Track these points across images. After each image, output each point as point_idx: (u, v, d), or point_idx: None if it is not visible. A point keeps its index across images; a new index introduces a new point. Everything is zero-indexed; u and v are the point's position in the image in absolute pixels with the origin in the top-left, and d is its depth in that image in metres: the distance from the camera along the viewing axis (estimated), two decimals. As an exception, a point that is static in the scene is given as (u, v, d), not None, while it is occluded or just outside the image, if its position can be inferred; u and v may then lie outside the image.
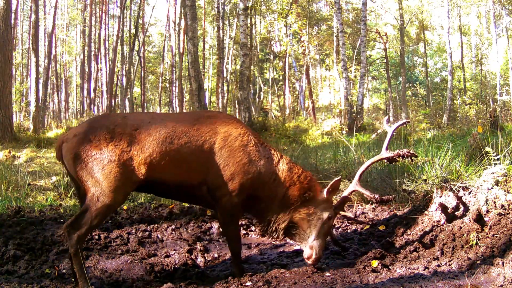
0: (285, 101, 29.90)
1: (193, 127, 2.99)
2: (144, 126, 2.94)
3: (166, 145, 2.89)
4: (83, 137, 2.86)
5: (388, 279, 2.65)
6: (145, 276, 3.20)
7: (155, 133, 2.91)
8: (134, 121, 2.97)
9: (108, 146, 2.82)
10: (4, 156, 9.32)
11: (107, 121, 2.97)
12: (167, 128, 2.94)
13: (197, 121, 3.05)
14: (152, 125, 2.95)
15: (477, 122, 15.11)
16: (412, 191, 4.32)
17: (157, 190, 3.17)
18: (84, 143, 2.83)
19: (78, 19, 33.70)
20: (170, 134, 2.92)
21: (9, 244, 3.47)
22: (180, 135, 2.93)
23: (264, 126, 13.86)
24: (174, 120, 3.04)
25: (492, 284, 2.40)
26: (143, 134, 2.91)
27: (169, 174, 2.93)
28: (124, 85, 25.03)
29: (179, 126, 2.97)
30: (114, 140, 2.85)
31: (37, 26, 18.09)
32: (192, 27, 12.12)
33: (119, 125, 2.91)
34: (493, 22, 24.24)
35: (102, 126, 2.91)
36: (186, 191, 3.05)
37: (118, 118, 3.00)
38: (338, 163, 5.74)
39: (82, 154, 2.81)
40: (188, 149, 2.92)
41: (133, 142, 2.87)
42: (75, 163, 2.83)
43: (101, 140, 2.84)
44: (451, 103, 21.09)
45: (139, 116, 3.14)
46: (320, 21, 30.93)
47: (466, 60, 33.87)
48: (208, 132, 2.99)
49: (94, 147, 2.82)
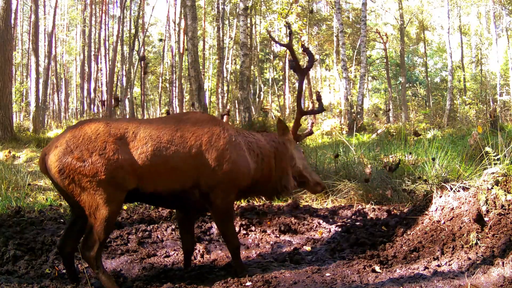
0: (285, 101, 29.91)
1: (176, 134, 2.93)
2: (129, 136, 2.83)
3: (154, 158, 2.81)
4: (65, 148, 2.72)
5: (388, 279, 2.65)
6: (145, 276, 3.20)
7: (141, 146, 2.82)
8: (117, 129, 2.84)
9: (92, 156, 2.69)
10: (4, 156, 9.32)
11: (89, 129, 2.81)
12: (152, 140, 2.85)
13: (179, 127, 2.98)
14: (137, 136, 2.84)
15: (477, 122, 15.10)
16: (412, 191, 4.33)
17: (148, 199, 3.12)
18: (67, 156, 2.69)
19: (78, 19, 33.71)
20: (157, 146, 2.84)
21: (9, 244, 3.47)
22: (166, 145, 2.86)
23: (264, 126, 13.85)
24: (157, 129, 2.93)
25: (492, 284, 2.40)
26: (129, 145, 2.81)
27: (160, 183, 2.87)
28: (124, 85, 25.03)
29: (164, 135, 2.89)
30: (98, 150, 2.72)
31: (37, 26, 18.10)
32: (192, 27, 12.11)
33: (103, 133, 2.78)
34: (493, 22, 24.24)
35: (84, 135, 2.76)
36: (179, 197, 3.01)
37: (101, 126, 2.83)
38: (338, 163, 5.73)
39: (67, 168, 2.69)
40: (177, 157, 2.87)
41: (119, 151, 2.76)
42: (61, 177, 2.71)
43: (84, 151, 2.70)
44: (451, 103, 21.08)
45: (123, 124, 2.92)
46: (320, 21, 30.93)
47: (466, 60, 33.88)
48: (192, 136, 2.95)
49: (77, 160, 2.68)
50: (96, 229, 2.71)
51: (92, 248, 2.73)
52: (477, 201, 3.29)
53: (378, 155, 5.86)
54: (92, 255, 2.73)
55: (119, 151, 2.75)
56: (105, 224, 2.70)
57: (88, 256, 2.74)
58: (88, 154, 2.70)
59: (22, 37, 32.91)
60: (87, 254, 2.74)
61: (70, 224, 2.99)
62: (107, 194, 2.69)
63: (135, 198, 3.06)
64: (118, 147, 2.76)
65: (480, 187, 3.36)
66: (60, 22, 34.41)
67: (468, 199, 3.42)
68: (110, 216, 2.71)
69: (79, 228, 2.95)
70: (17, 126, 16.00)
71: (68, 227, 2.99)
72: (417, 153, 5.43)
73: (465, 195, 3.49)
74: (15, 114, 22.92)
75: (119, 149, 2.76)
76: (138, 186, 2.82)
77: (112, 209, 2.73)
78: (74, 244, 2.97)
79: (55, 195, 5.34)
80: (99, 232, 2.71)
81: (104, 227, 2.71)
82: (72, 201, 2.87)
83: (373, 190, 4.89)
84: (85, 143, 2.73)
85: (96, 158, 2.69)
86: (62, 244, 2.95)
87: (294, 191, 3.50)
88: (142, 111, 33.25)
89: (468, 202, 3.39)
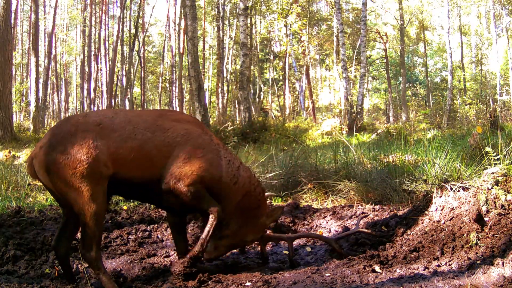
0: (285, 101, 29.91)
1: (156, 122, 2.99)
2: (108, 121, 2.90)
3: (130, 141, 2.86)
4: (48, 147, 2.77)
5: (388, 279, 2.65)
6: (145, 276, 3.20)
7: (119, 129, 2.88)
8: (97, 117, 2.93)
9: (74, 147, 2.74)
10: (4, 156, 9.32)
11: (68, 124, 2.89)
12: (130, 123, 2.92)
13: (160, 117, 3.05)
14: (115, 120, 2.92)
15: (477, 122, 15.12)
16: (412, 191, 4.33)
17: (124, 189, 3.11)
18: (51, 153, 2.74)
19: (78, 19, 33.70)
20: (134, 130, 2.89)
21: (9, 244, 3.47)
22: (143, 131, 2.92)
23: (264, 126, 13.85)
24: (137, 116, 3.03)
25: (492, 284, 2.39)
26: (107, 129, 2.86)
27: (134, 170, 2.89)
28: (124, 85, 25.03)
29: (142, 122, 2.96)
30: (78, 140, 2.77)
31: (37, 26, 18.10)
32: (192, 27, 12.11)
33: (81, 124, 2.85)
34: (493, 22, 24.25)
35: (64, 130, 2.84)
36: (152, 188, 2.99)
37: (79, 118, 2.94)
38: (338, 163, 5.73)
39: (52, 165, 2.73)
40: (152, 144, 2.90)
41: (98, 137, 2.80)
42: (49, 176, 2.77)
43: (67, 145, 2.75)
44: (451, 103, 21.09)
45: (101, 112, 3.10)
46: (320, 21, 30.94)
47: (466, 60, 33.88)
48: (171, 128, 2.98)
49: (61, 154, 2.73)
50: (88, 226, 2.74)
51: (91, 248, 2.74)
52: (477, 201, 3.29)
53: (378, 155, 5.86)
54: (92, 255, 2.74)
55: (97, 137, 2.80)
56: (95, 218, 2.73)
57: (89, 257, 2.75)
58: (70, 146, 2.75)
59: (22, 37, 32.92)
60: (87, 255, 2.75)
61: (63, 225, 3.02)
62: (92, 185, 2.73)
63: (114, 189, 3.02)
64: (96, 133, 2.82)
65: (480, 187, 3.36)
66: (60, 22, 34.42)
67: (468, 199, 3.42)
68: (98, 209, 2.74)
69: (72, 228, 2.99)
70: (17, 126, 16.01)
71: (61, 228, 3.02)
72: (417, 153, 5.43)
73: (465, 195, 3.49)
74: (15, 114, 22.93)
75: (98, 134, 2.82)
76: (115, 173, 2.83)
77: (99, 201, 2.76)
78: (68, 245, 3.00)
79: (55, 195, 5.34)
80: (91, 228, 2.74)
81: (95, 221, 2.74)
82: (63, 202, 2.92)
83: (373, 190, 4.89)
84: (66, 137, 2.79)
85: (78, 148, 2.74)
86: (56, 245, 2.98)
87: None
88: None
89: (468, 202, 3.39)
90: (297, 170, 5.64)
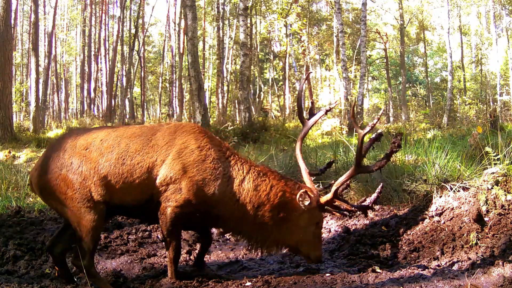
0: (285, 101, 29.90)
1: (149, 142, 2.83)
2: (96, 144, 2.83)
3: (118, 167, 2.76)
4: (40, 170, 2.85)
5: (388, 279, 2.65)
6: (145, 276, 3.20)
7: (107, 153, 2.79)
8: (85, 140, 2.86)
9: (62, 172, 2.77)
10: (4, 156, 9.32)
11: (58, 147, 2.88)
12: (120, 147, 2.80)
13: (155, 136, 2.87)
14: (105, 143, 2.83)
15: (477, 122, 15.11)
16: (412, 191, 4.32)
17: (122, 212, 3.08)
18: (43, 176, 2.82)
19: (78, 19, 33.70)
20: (123, 154, 2.79)
21: (9, 244, 3.47)
22: (133, 154, 2.79)
23: (264, 126, 13.84)
24: (130, 137, 2.87)
25: (492, 284, 2.39)
26: (94, 153, 2.80)
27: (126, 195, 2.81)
28: (124, 85, 25.03)
29: (134, 143, 2.82)
30: (65, 165, 2.78)
31: (37, 26, 18.09)
32: (192, 27, 12.11)
33: (69, 148, 2.83)
34: (493, 22, 24.24)
35: (53, 154, 2.85)
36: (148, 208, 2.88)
37: (69, 140, 2.89)
38: (338, 163, 5.73)
39: (45, 187, 2.82)
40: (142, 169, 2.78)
41: (84, 162, 2.77)
42: (44, 196, 2.89)
43: (54, 169, 2.79)
44: (451, 103, 21.07)
45: (92, 134, 2.93)
46: (320, 21, 30.93)
47: (466, 60, 33.87)
48: (164, 146, 2.82)
49: (50, 177, 2.79)
50: (83, 240, 2.76)
51: (84, 258, 2.77)
52: (477, 201, 3.29)
53: (378, 155, 5.85)
54: (84, 264, 2.77)
55: (83, 162, 2.78)
56: (90, 235, 2.75)
57: (81, 266, 2.78)
58: (58, 171, 2.78)
59: (22, 37, 32.91)
60: (79, 263, 2.78)
61: (62, 230, 3.06)
62: (84, 207, 2.74)
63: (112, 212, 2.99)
64: (83, 158, 2.79)
65: (480, 187, 3.37)
66: (60, 22, 34.41)
67: (468, 199, 3.42)
68: (93, 227, 2.75)
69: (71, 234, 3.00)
70: (17, 126, 15.99)
71: (60, 231, 3.06)
72: (417, 153, 5.42)
73: (465, 195, 3.49)
74: (15, 114, 22.92)
75: (84, 159, 2.79)
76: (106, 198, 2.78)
77: (93, 220, 2.75)
78: (64, 246, 3.02)
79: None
80: (87, 242, 2.76)
81: (90, 237, 2.76)
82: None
83: (373, 190, 4.88)
84: (54, 161, 2.82)
85: (65, 174, 2.77)
86: (51, 245, 3.01)
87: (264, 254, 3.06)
88: (142, 111, 33.27)
89: (468, 202, 3.39)
90: (297, 170, 5.63)
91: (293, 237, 2.89)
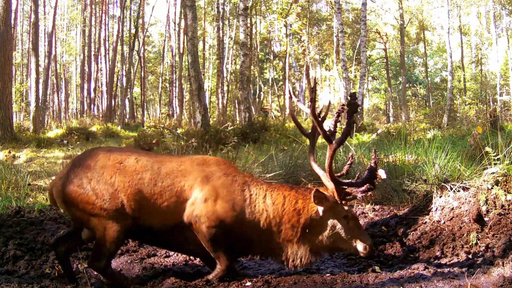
0: (285, 101, 29.91)
1: (179, 168, 2.92)
2: (131, 162, 2.88)
3: (151, 187, 2.82)
4: (66, 179, 2.85)
5: (388, 279, 2.65)
6: (145, 276, 3.20)
7: (141, 172, 2.85)
8: (119, 155, 2.92)
9: (92, 182, 2.79)
10: (4, 156, 9.32)
11: (88, 157, 2.92)
12: (153, 169, 2.88)
13: (184, 163, 2.97)
14: (139, 163, 2.89)
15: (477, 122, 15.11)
16: (412, 191, 4.33)
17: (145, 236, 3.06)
18: (69, 185, 2.81)
19: (78, 19, 33.72)
20: (155, 176, 2.85)
21: (9, 244, 3.47)
22: (164, 178, 2.86)
23: (264, 126, 13.83)
24: (160, 162, 2.95)
25: (492, 284, 2.39)
26: (129, 168, 2.85)
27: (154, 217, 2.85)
28: (124, 85, 25.03)
29: (164, 168, 2.90)
30: (96, 176, 2.81)
31: (37, 26, 18.08)
32: (192, 27, 12.11)
33: (101, 160, 2.87)
34: (493, 22, 24.24)
35: (82, 164, 2.88)
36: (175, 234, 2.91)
37: (100, 153, 2.94)
38: (338, 163, 5.73)
39: (69, 197, 2.81)
40: (171, 192, 2.84)
41: (117, 175, 2.82)
42: (67, 207, 2.87)
43: (83, 179, 2.80)
44: (451, 103, 21.08)
45: (125, 152, 3.03)
46: (320, 21, 30.95)
47: (466, 60, 33.88)
48: (192, 172, 2.91)
49: (77, 187, 2.79)
50: (105, 247, 2.79)
51: (101, 260, 2.80)
52: (477, 201, 3.29)
53: (378, 155, 5.85)
54: (102, 266, 2.81)
55: (117, 174, 2.82)
56: (114, 244, 2.80)
57: (98, 267, 2.82)
58: (87, 181, 2.80)
59: (22, 37, 32.92)
60: (95, 265, 2.82)
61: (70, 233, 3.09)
62: (113, 217, 2.76)
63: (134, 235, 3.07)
64: (117, 171, 2.83)
65: (480, 187, 3.37)
66: (60, 22, 34.42)
67: (468, 199, 3.42)
68: (117, 237, 2.79)
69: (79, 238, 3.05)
70: (17, 126, 15.99)
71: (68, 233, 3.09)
72: (417, 153, 5.42)
73: (465, 195, 3.49)
74: (15, 114, 22.93)
75: (118, 172, 2.83)
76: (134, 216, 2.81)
77: (119, 231, 2.78)
78: (69, 247, 3.04)
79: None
80: (109, 250, 2.80)
81: (113, 246, 2.82)
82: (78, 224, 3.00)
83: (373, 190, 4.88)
84: (84, 171, 2.83)
85: (95, 184, 2.78)
86: (55, 243, 3.03)
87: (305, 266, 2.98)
88: (142, 111, 33.27)
89: (468, 202, 3.39)
90: (297, 170, 5.63)
91: (327, 240, 2.89)
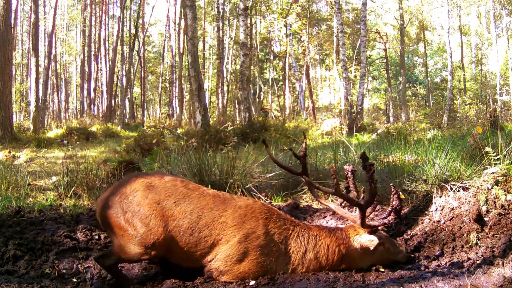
0: (285, 101, 29.93)
1: (219, 219, 2.85)
2: (169, 205, 2.83)
3: (186, 236, 2.80)
4: (104, 204, 2.92)
5: (388, 279, 2.65)
6: (145, 276, 3.20)
7: (179, 219, 2.80)
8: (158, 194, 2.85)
9: (126, 214, 2.80)
10: (4, 156, 9.32)
11: (128, 187, 2.91)
12: (191, 217, 2.82)
13: (225, 212, 2.87)
14: (177, 207, 2.83)
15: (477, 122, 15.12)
16: (412, 191, 4.32)
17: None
18: (106, 210, 2.88)
19: (78, 19, 33.74)
20: (193, 225, 2.81)
21: (9, 244, 3.47)
22: (201, 228, 2.82)
23: (264, 126, 13.85)
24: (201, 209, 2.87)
25: (492, 284, 2.40)
26: (166, 212, 2.81)
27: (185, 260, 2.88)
28: (124, 85, 25.04)
29: (204, 218, 2.84)
30: (131, 210, 2.81)
31: (37, 26, 18.09)
32: (192, 27, 12.12)
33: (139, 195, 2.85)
34: (493, 22, 24.25)
35: (121, 192, 2.88)
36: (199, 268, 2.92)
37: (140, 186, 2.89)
38: (338, 163, 5.73)
39: (106, 220, 2.90)
40: (206, 243, 2.82)
41: (153, 216, 2.79)
42: (103, 224, 2.99)
43: (119, 208, 2.83)
44: (451, 103, 21.09)
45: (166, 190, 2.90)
46: (320, 21, 30.96)
47: (466, 60, 33.90)
48: (232, 227, 2.84)
49: (113, 214, 2.84)
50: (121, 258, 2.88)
51: (110, 259, 2.89)
52: (477, 201, 3.29)
53: (378, 155, 5.85)
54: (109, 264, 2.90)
55: (153, 216, 2.79)
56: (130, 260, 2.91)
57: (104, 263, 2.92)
58: (122, 212, 2.83)
59: (22, 37, 32.93)
60: (104, 261, 2.91)
61: None
62: (139, 247, 2.79)
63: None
64: (153, 211, 2.80)
65: (480, 187, 3.36)
66: (60, 22, 34.43)
67: (468, 199, 3.42)
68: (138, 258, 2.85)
69: None
70: (17, 126, 16.01)
71: None
72: (417, 153, 5.42)
73: (465, 195, 3.49)
74: (15, 114, 22.95)
75: (154, 213, 2.80)
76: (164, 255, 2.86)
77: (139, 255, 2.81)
78: None
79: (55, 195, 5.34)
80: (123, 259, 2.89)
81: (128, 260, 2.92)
82: None
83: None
84: (121, 200, 2.86)
85: (130, 218, 2.80)
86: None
87: None
88: (142, 111, 33.29)
89: (468, 202, 3.39)
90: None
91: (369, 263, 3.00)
